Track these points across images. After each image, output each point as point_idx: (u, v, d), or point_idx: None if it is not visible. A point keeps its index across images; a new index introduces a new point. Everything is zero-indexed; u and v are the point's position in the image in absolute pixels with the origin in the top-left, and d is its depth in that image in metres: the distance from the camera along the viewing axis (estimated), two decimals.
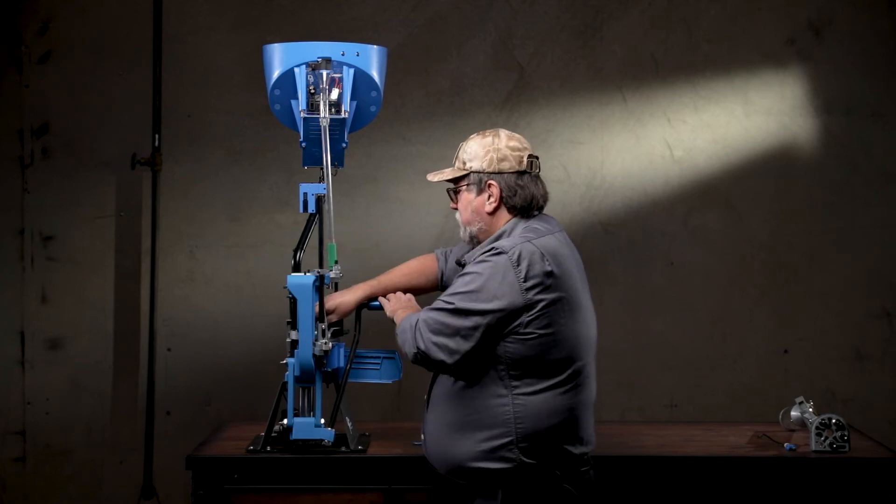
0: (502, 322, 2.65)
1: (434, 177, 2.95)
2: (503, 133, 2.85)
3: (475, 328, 2.65)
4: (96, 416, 4.59)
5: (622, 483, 3.08)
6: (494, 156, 2.81)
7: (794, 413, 3.37)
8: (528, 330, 2.65)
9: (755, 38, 4.69)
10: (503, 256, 2.67)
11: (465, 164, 2.85)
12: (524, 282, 2.64)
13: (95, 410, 4.58)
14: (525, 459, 2.67)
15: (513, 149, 2.82)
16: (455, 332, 2.67)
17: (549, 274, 2.66)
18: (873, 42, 4.69)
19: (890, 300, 4.71)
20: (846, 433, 3.15)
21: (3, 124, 4.55)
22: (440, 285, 3.16)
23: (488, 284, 2.65)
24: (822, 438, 3.15)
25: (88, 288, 4.58)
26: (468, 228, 2.88)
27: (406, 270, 3.16)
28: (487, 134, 2.85)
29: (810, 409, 3.31)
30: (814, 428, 3.17)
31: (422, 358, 2.73)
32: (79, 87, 4.56)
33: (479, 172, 2.82)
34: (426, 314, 2.74)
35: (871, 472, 3.09)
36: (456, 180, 2.88)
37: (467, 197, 2.85)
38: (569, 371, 2.70)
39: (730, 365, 4.70)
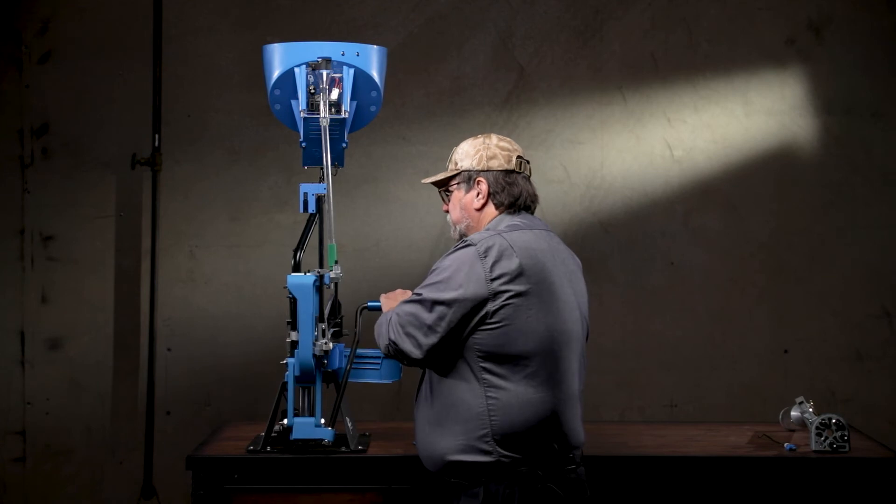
0: (469, 313, 2.67)
1: (427, 179, 3.00)
2: (494, 135, 2.92)
3: (441, 318, 2.68)
4: (96, 416, 4.58)
5: (622, 483, 3.08)
6: (484, 153, 2.87)
7: (795, 413, 3.37)
8: (492, 320, 2.67)
9: (755, 38, 4.69)
10: (471, 248, 2.71)
11: (456, 164, 2.92)
12: (489, 272, 2.67)
13: (95, 410, 4.58)
14: (502, 452, 2.67)
15: (502, 148, 2.88)
16: (423, 324, 2.70)
17: (517, 266, 2.68)
18: (873, 42, 4.69)
19: (890, 300, 4.71)
20: (846, 433, 3.15)
21: (3, 124, 4.55)
22: None
23: (455, 275, 2.69)
24: (822, 438, 3.15)
25: (88, 288, 4.58)
26: (457, 227, 2.93)
27: None
28: (479, 136, 2.93)
29: (810, 409, 3.31)
30: (814, 428, 3.16)
31: (393, 350, 2.77)
32: (79, 87, 4.56)
33: (469, 170, 2.87)
34: (399, 307, 2.79)
35: (871, 472, 3.08)
36: (446, 181, 2.92)
37: (457, 195, 2.91)
38: (538, 363, 2.69)
39: (730, 365, 4.70)
